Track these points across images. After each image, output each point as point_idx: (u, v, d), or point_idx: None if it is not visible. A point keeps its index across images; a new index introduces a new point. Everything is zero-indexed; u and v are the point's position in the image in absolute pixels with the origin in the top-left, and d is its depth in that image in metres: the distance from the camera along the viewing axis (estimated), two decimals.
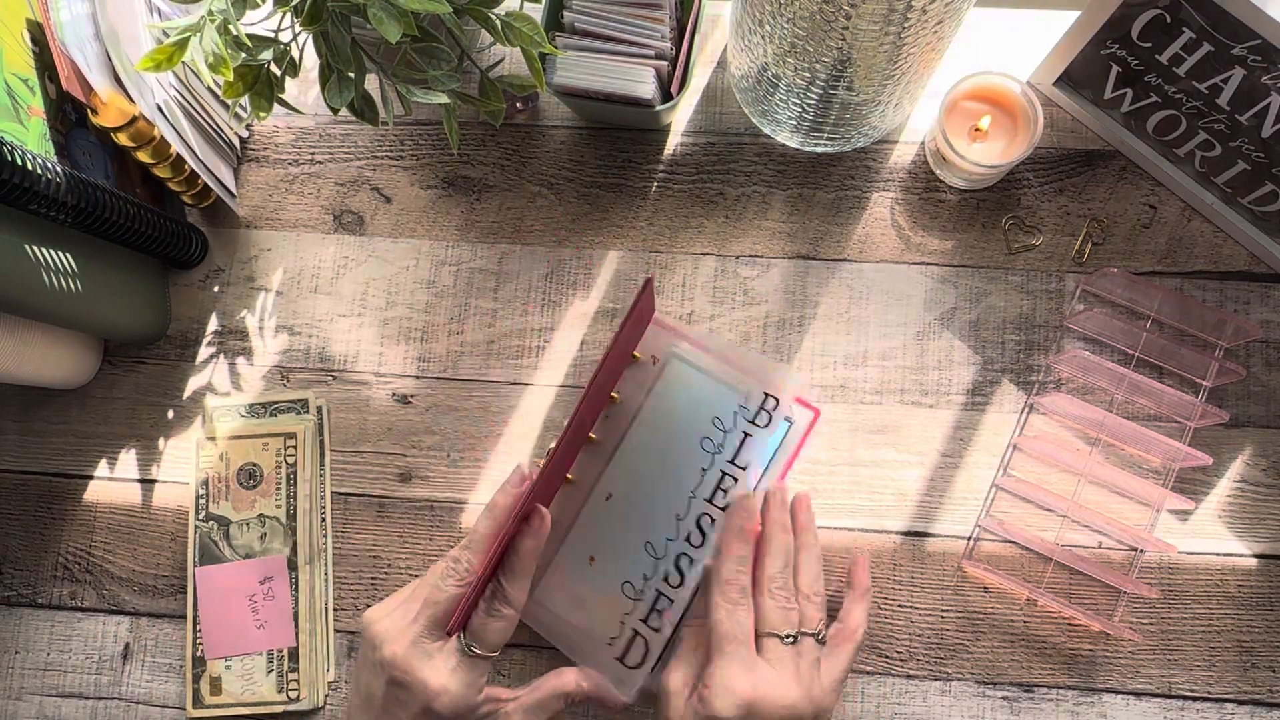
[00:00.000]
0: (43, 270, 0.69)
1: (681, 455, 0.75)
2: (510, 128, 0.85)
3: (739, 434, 0.75)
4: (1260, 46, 0.65)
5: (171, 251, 0.81)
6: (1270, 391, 0.77)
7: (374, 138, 0.85)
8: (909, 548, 0.77)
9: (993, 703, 0.75)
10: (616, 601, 0.73)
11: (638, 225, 0.83)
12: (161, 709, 0.78)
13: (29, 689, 0.79)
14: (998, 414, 0.78)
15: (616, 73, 0.75)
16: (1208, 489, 0.77)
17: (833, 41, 0.65)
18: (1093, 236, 0.80)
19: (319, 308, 0.83)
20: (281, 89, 0.67)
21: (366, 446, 0.81)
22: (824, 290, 0.81)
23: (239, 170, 0.86)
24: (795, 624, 0.66)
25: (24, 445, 0.83)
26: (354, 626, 0.78)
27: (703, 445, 0.75)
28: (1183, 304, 0.77)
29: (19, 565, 0.81)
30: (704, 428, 0.76)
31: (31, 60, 0.71)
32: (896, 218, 0.82)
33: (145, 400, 0.83)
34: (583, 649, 0.73)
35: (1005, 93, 0.77)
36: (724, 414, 0.76)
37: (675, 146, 0.84)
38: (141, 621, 0.79)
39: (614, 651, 0.73)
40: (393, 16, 0.60)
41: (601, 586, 0.74)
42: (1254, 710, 0.74)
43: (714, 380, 0.76)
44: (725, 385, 0.76)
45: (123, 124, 0.71)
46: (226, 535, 0.79)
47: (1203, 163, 0.76)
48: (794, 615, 0.66)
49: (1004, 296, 0.80)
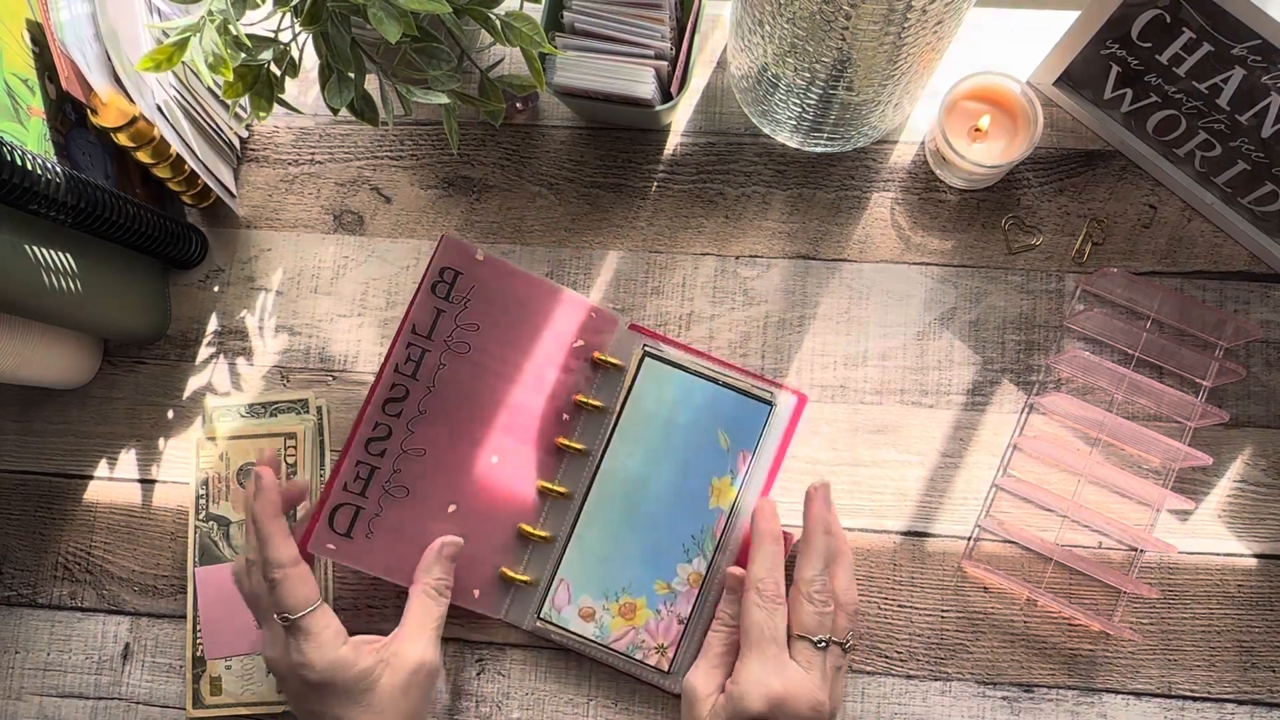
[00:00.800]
0: (43, 270, 0.69)
1: (668, 451, 0.76)
2: (510, 128, 0.85)
3: (724, 422, 0.76)
4: (1260, 46, 0.65)
5: (171, 251, 0.81)
6: (1270, 391, 0.77)
7: (374, 138, 0.85)
8: (909, 548, 0.77)
9: (993, 703, 0.75)
10: (626, 605, 0.74)
11: (638, 225, 0.83)
12: (162, 709, 0.78)
13: (29, 689, 0.79)
14: (998, 414, 0.78)
15: (616, 73, 0.75)
16: (1208, 489, 0.77)
17: (833, 41, 0.65)
18: (1093, 236, 0.80)
19: (319, 308, 0.83)
20: (281, 89, 0.67)
21: None
22: (824, 290, 0.81)
23: (239, 170, 0.86)
24: (829, 629, 0.67)
25: (24, 445, 0.83)
26: (355, 626, 0.78)
27: (688, 438, 0.76)
28: (1183, 304, 0.77)
29: (19, 565, 0.81)
30: (687, 420, 0.76)
31: (31, 60, 0.71)
32: (896, 218, 0.82)
33: (145, 400, 0.83)
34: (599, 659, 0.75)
35: (1005, 93, 0.77)
36: (705, 404, 0.76)
37: (675, 146, 0.84)
38: (141, 621, 0.80)
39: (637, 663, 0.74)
40: (393, 16, 0.60)
41: (607, 590, 0.75)
42: (1254, 710, 0.74)
43: (690, 374, 0.77)
44: (702, 377, 0.77)
45: (123, 124, 0.71)
46: (226, 535, 0.79)
47: (1203, 163, 0.76)
48: (828, 621, 0.67)
49: (1004, 296, 0.80)
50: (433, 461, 0.75)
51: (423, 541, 0.73)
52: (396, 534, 0.73)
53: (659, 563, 0.75)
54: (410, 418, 0.74)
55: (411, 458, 0.74)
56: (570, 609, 0.75)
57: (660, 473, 0.76)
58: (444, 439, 0.75)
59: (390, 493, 0.73)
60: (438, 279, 0.75)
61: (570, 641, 0.75)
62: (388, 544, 0.73)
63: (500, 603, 0.76)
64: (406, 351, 0.74)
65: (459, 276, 0.76)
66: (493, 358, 0.76)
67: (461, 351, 0.75)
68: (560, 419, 0.78)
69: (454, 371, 0.75)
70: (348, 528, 0.72)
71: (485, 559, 0.76)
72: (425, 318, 0.75)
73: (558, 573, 0.75)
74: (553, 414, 0.78)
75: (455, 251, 0.76)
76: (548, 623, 0.75)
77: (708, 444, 0.76)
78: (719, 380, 0.77)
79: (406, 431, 0.74)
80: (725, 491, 0.75)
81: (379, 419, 0.73)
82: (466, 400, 0.75)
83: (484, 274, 0.76)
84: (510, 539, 0.76)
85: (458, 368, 0.75)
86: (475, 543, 0.75)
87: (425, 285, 0.75)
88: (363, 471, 0.73)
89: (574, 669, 0.77)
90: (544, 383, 0.77)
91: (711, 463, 0.76)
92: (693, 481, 0.76)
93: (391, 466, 0.73)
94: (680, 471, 0.76)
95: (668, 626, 0.74)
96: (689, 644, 0.74)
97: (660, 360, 0.77)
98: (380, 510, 0.73)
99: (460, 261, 0.76)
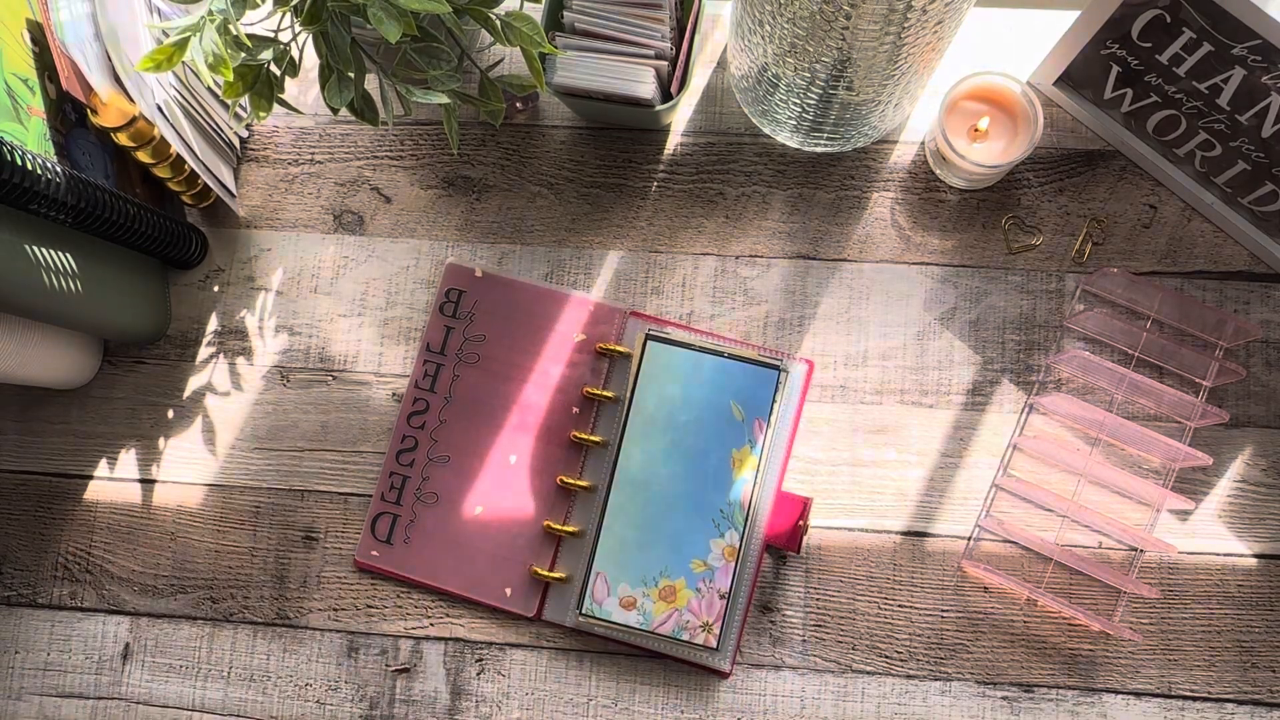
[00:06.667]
0: (43, 270, 0.69)
1: (685, 429, 0.77)
2: (510, 128, 0.85)
3: (735, 393, 0.77)
4: (1260, 46, 0.64)
5: (171, 251, 0.81)
6: (1270, 391, 0.77)
7: (374, 138, 0.85)
8: (909, 548, 0.77)
9: (993, 703, 0.75)
10: (666, 589, 0.75)
11: (638, 225, 0.83)
12: (161, 709, 0.78)
13: (29, 689, 0.79)
14: (998, 414, 0.78)
15: (616, 73, 0.75)
16: (1208, 489, 0.77)
17: (833, 41, 0.65)
18: (1093, 236, 0.80)
19: (319, 308, 0.83)
20: (281, 89, 0.67)
21: (366, 446, 0.81)
22: (824, 290, 0.81)
23: (239, 170, 0.86)
24: None
25: (24, 445, 0.83)
26: (354, 626, 0.78)
27: (702, 413, 0.77)
28: (1183, 304, 0.77)
29: (19, 565, 0.81)
30: (698, 396, 0.77)
31: (31, 60, 0.71)
32: (896, 218, 0.82)
33: (145, 400, 0.83)
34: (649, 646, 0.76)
35: (1005, 93, 0.76)
36: (715, 378, 0.77)
37: (675, 146, 0.84)
38: (141, 621, 0.80)
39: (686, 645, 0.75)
40: (393, 16, 0.60)
41: (645, 577, 0.76)
42: (1254, 710, 0.74)
43: (695, 350, 0.78)
44: (707, 352, 0.78)
45: (123, 124, 0.71)
46: None
47: (1203, 163, 0.76)
48: None
49: (1004, 296, 0.80)
50: (456, 467, 0.79)
51: (456, 544, 0.78)
52: (431, 538, 0.78)
53: (692, 541, 0.75)
54: (433, 428, 0.79)
55: (438, 465, 0.79)
56: (611, 600, 0.75)
57: (680, 452, 0.77)
58: (464, 444, 0.79)
59: (422, 499, 0.78)
60: (444, 299, 0.81)
61: (615, 632, 0.76)
62: (424, 547, 0.78)
63: (532, 601, 0.77)
64: (424, 368, 0.80)
65: (462, 295, 0.81)
66: (500, 363, 0.80)
67: (472, 362, 0.80)
68: (571, 412, 0.79)
69: (467, 381, 0.80)
70: (388, 534, 0.78)
71: (515, 558, 0.78)
72: (437, 335, 0.81)
73: (593, 566, 0.76)
74: (562, 408, 0.79)
75: (456, 273, 0.81)
76: (590, 617, 0.75)
77: (722, 416, 0.77)
78: (724, 353, 0.77)
79: (431, 441, 0.79)
80: (747, 460, 0.76)
81: (406, 431, 0.79)
82: (480, 406, 0.79)
83: (483, 288, 0.81)
84: (538, 537, 0.78)
85: (470, 377, 0.80)
86: (504, 542, 0.78)
87: (435, 308, 0.81)
88: (396, 481, 0.79)
89: (574, 669, 0.77)
90: (549, 379, 0.80)
91: (729, 435, 0.76)
92: (713, 456, 0.76)
93: (421, 474, 0.79)
94: (699, 448, 0.76)
95: (710, 603, 0.75)
96: (733, 617, 0.75)
97: (664, 342, 0.78)
98: (415, 516, 0.78)
99: (461, 281, 0.81)
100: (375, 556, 0.78)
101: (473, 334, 0.80)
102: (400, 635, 0.78)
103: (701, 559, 0.75)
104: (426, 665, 0.77)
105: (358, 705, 0.77)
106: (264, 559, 0.80)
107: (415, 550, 0.78)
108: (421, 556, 0.78)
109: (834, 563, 0.77)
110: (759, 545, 0.76)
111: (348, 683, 0.78)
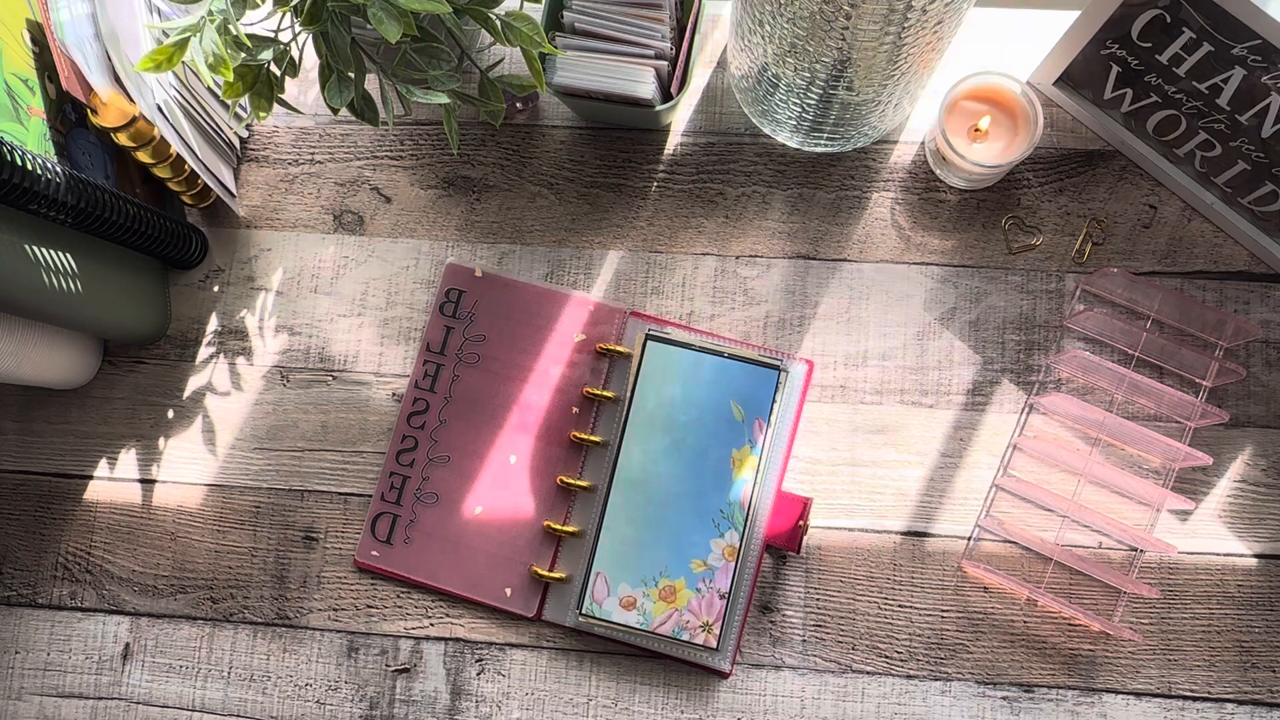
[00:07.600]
0: (43, 270, 0.69)
1: (685, 430, 0.77)
2: (510, 128, 0.85)
3: (735, 393, 0.77)
4: (1260, 46, 0.64)
5: (171, 251, 0.81)
6: (1270, 391, 0.77)
7: (374, 138, 0.85)
8: (909, 548, 0.77)
9: (993, 703, 0.75)
10: (666, 589, 0.75)
11: (638, 225, 0.83)
12: (161, 709, 0.78)
13: (29, 689, 0.79)
14: (998, 414, 0.78)
15: (616, 73, 0.75)
16: (1208, 489, 0.77)
17: (833, 41, 0.65)
18: (1093, 236, 0.80)
19: (319, 308, 0.83)
20: (281, 89, 0.67)
21: (366, 446, 0.81)
22: (824, 290, 0.81)
23: (239, 170, 0.86)
24: None
25: (24, 445, 0.83)
26: (354, 626, 0.78)
27: (702, 413, 0.77)
28: (1183, 304, 0.77)
29: (19, 565, 0.81)
30: (698, 396, 0.77)
31: (31, 60, 0.71)
32: (896, 218, 0.82)
33: (145, 400, 0.83)
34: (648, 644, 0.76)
35: (1005, 93, 0.76)
36: (715, 378, 0.77)
37: (675, 146, 0.84)
38: (141, 621, 0.80)
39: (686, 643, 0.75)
40: (393, 16, 0.60)
41: (645, 577, 0.75)
42: (1254, 710, 0.74)
43: (695, 350, 0.78)
44: (707, 352, 0.78)
45: (123, 124, 0.71)
46: None
47: (1203, 163, 0.76)
48: None
49: (1004, 296, 0.80)
50: (456, 467, 0.79)
51: (456, 544, 0.78)
52: (431, 538, 0.78)
53: (692, 541, 0.75)
54: (433, 428, 0.79)
55: (438, 465, 0.79)
56: (611, 600, 0.75)
57: (680, 452, 0.77)
58: (464, 444, 0.79)
59: (422, 499, 0.78)
60: (444, 299, 0.81)
61: (615, 633, 0.76)
62: (424, 548, 0.78)
63: (532, 601, 0.77)
64: (424, 368, 0.80)
65: (462, 295, 0.81)
66: (500, 363, 0.80)
67: (472, 362, 0.80)
68: (570, 412, 0.79)
69: (467, 381, 0.80)
70: (388, 534, 0.78)
71: (515, 558, 0.78)
72: (437, 335, 0.81)
73: (593, 566, 0.76)
74: (562, 408, 0.79)
75: (456, 273, 0.81)
76: (590, 618, 0.75)
77: (722, 416, 0.77)
78: (724, 353, 0.77)
79: (431, 441, 0.79)
80: (747, 460, 0.76)
81: (406, 431, 0.79)
82: (480, 406, 0.79)
83: (483, 288, 0.81)
84: (538, 537, 0.78)
85: (470, 377, 0.80)
86: (504, 542, 0.78)
87: (435, 308, 0.80)
88: (396, 481, 0.79)
89: (574, 669, 0.77)
90: (549, 379, 0.80)
91: (729, 435, 0.76)
92: (713, 456, 0.76)
93: (421, 475, 0.79)
94: (699, 448, 0.76)
95: (710, 603, 0.75)
96: (733, 617, 0.75)
97: (664, 342, 0.78)
98: (415, 516, 0.78)
99: (461, 281, 0.81)
100: (375, 556, 0.78)
101: (473, 334, 0.80)
102: (400, 635, 0.78)
103: (701, 559, 0.75)
104: (426, 665, 0.77)
105: (358, 705, 0.77)
106: (264, 559, 0.80)
107: (415, 550, 0.78)
108: (421, 556, 0.78)
109: (834, 563, 0.77)
110: (759, 545, 0.76)
111: (348, 683, 0.78)
